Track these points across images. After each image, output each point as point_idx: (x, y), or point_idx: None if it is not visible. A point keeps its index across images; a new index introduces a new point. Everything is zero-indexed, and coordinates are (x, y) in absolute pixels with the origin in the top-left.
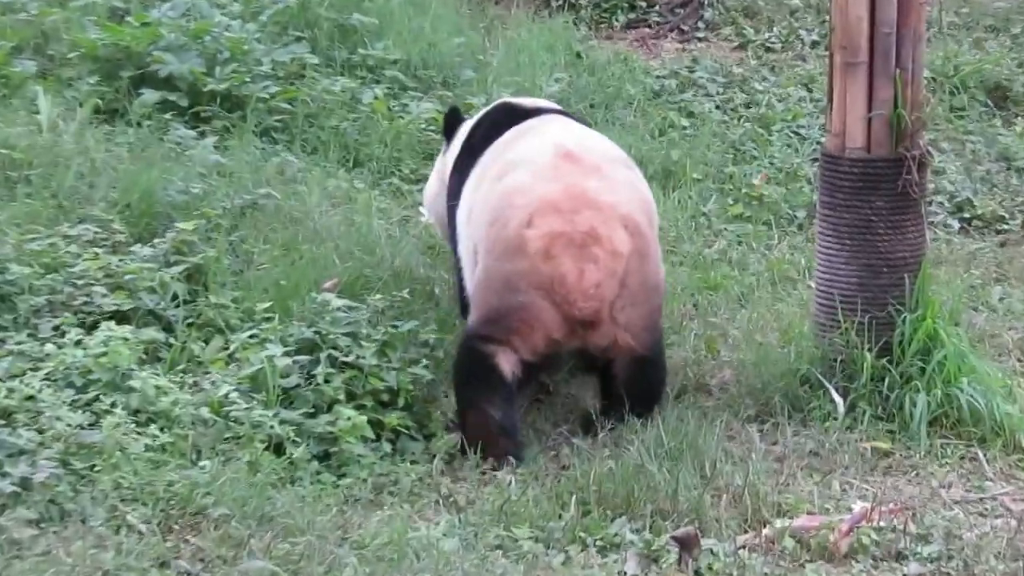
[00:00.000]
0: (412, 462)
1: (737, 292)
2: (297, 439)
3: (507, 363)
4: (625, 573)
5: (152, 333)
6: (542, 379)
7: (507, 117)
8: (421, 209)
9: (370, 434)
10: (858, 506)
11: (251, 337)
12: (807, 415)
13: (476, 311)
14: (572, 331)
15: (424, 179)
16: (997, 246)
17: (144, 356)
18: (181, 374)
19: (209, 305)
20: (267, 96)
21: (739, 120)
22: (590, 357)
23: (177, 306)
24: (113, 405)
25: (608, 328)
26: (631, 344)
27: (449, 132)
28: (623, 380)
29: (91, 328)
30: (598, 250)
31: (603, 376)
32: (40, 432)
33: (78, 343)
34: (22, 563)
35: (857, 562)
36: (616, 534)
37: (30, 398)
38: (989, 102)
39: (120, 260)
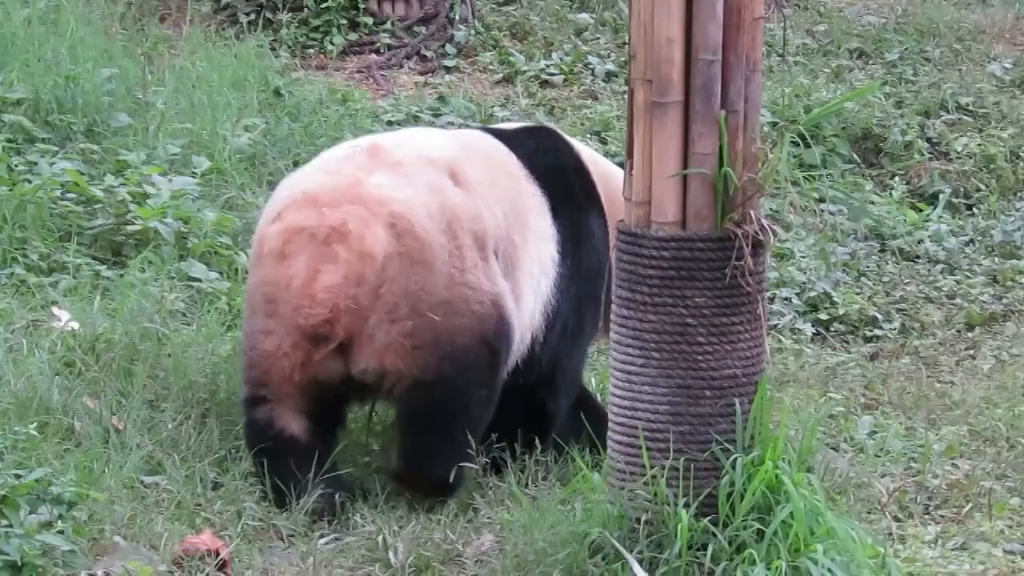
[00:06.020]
0: None
1: None
2: None
3: (294, 421)
4: None
5: None
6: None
7: None
8: (56, 310)
9: None
10: None
11: None
12: None
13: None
14: (310, 349)
15: (60, 267)
16: (866, 359)
17: None
18: None
19: None
20: None
21: None
22: (366, 390)
23: None
24: None
25: (369, 349)
26: (400, 367)
27: None
28: (401, 415)
29: None
30: (341, 249)
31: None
32: None
33: None
34: None
35: None
36: None
37: None
38: (855, 156)
39: None
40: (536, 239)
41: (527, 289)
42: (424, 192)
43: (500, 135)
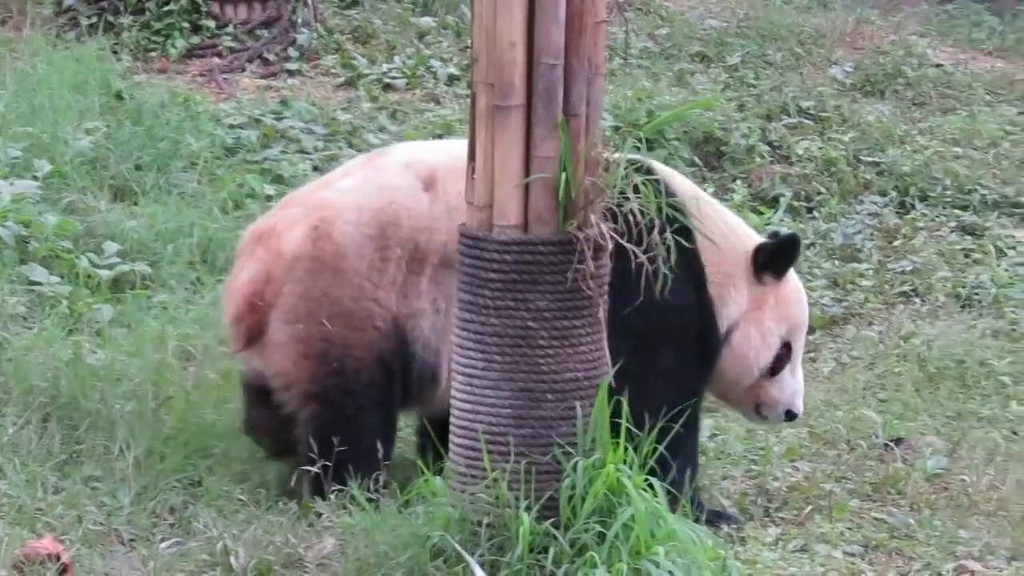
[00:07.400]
0: None
1: None
2: None
3: (249, 371)
4: None
5: None
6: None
7: None
8: None
9: None
10: None
11: None
12: None
13: None
14: (232, 343)
15: None
16: None
17: None
18: None
19: None
20: None
21: None
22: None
23: None
24: None
25: (267, 349)
26: (291, 372)
27: None
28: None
29: None
30: (262, 249)
31: None
32: None
33: None
34: None
35: None
36: None
37: None
38: (697, 160)
39: None
40: None
41: None
42: (371, 196)
43: None
